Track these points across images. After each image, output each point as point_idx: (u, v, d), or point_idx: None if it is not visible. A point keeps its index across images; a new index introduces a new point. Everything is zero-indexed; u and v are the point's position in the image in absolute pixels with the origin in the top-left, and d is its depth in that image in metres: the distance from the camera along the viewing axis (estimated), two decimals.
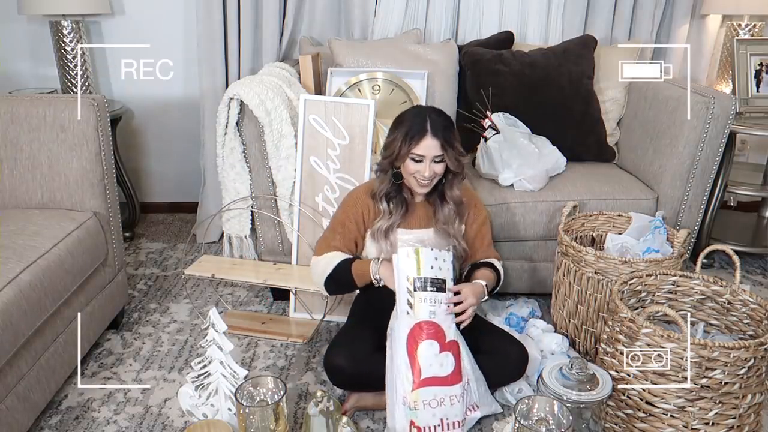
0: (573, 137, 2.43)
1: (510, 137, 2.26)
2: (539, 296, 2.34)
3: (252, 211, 2.27)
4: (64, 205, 1.95)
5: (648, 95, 2.40)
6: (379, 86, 2.41)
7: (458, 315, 1.66)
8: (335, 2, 2.76)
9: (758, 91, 2.68)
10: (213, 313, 1.57)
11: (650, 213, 2.16)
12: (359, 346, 1.70)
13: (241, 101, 2.08)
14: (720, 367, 1.45)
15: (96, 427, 1.73)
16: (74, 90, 2.70)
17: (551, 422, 1.43)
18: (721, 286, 1.76)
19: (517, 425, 1.39)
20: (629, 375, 1.57)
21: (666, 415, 1.52)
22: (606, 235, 2.12)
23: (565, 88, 2.44)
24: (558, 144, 2.35)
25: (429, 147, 1.67)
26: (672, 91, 2.25)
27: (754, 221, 2.98)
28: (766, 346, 1.47)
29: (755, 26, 2.78)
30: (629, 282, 1.76)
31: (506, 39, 2.64)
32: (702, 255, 1.82)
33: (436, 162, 1.69)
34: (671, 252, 1.94)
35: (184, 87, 2.96)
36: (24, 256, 1.61)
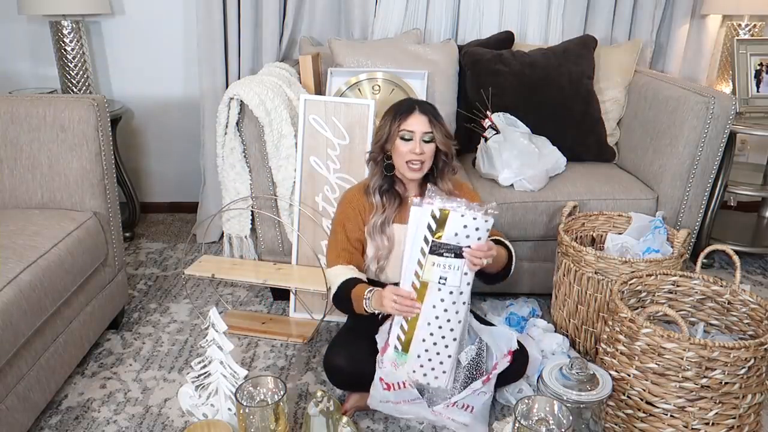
0: (573, 137, 2.43)
1: (510, 137, 2.26)
2: (539, 296, 2.34)
3: (252, 211, 2.27)
4: (64, 205, 1.95)
5: (648, 95, 2.40)
6: (379, 86, 2.41)
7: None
8: (335, 2, 2.76)
9: (758, 91, 2.68)
10: (213, 313, 1.56)
11: (650, 213, 2.16)
12: (359, 347, 1.71)
13: (241, 101, 2.07)
14: (720, 367, 1.45)
15: (96, 427, 1.73)
16: (74, 90, 2.70)
17: (551, 422, 1.43)
18: (721, 286, 1.76)
19: (517, 425, 1.39)
20: (629, 375, 1.57)
21: (666, 415, 1.52)
22: (606, 235, 2.12)
23: (565, 88, 2.44)
24: (558, 144, 2.35)
25: (418, 122, 1.70)
26: (672, 91, 2.25)
27: (754, 221, 2.98)
28: (766, 346, 1.47)
29: (755, 26, 2.78)
30: (629, 282, 1.76)
31: (506, 39, 2.64)
32: (702, 255, 1.82)
33: (426, 142, 1.70)
34: (671, 252, 1.94)
35: (184, 87, 2.96)
36: (24, 256, 1.61)
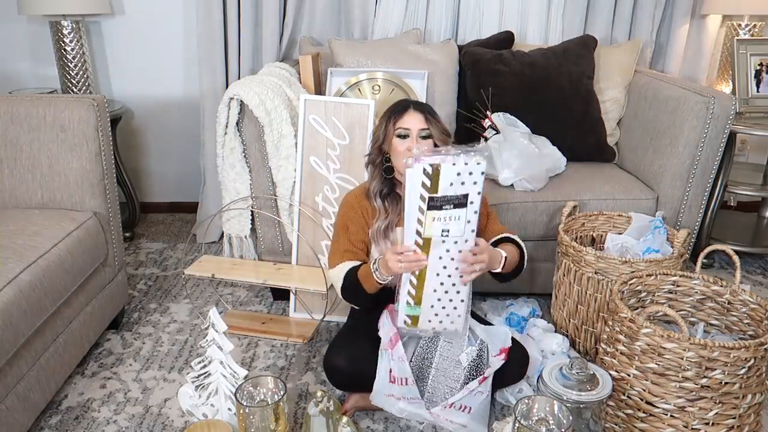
0: (573, 137, 2.43)
1: (510, 137, 2.26)
2: (539, 296, 2.34)
3: (252, 211, 2.27)
4: (64, 205, 1.95)
5: (648, 95, 2.40)
6: (379, 86, 2.41)
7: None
8: (335, 2, 2.76)
9: (758, 91, 2.68)
10: (213, 313, 1.56)
11: (650, 213, 2.16)
12: (359, 347, 1.70)
13: (241, 101, 2.08)
14: (720, 367, 1.45)
15: (96, 427, 1.73)
16: (74, 90, 2.70)
17: (551, 422, 1.43)
18: (721, 286, 1.76)
19: (517, 425, 1.39)
20: (629, 375, 1.57)
21: (666, 415, 1.52)
22: (606, 235, 2.12)
23: (565, 88, 2.44)
24: (558, 144, 2.35)
25: (413, 119, 1.69)
26: (672, 91, 2.25)
27: (754, 221, 2.98)
28: (766, 346, 1.47)
29: (755, 26, 2.78)
30: (629, 282, 1.76)
31: (506, 39, 2.64)
32: (702, 255, 1.82)
33: (423, 138, 1.69)
34: (671, 252, 1.94)
35: (184, 87, 2.96)
36: (24, 256, 1.61)
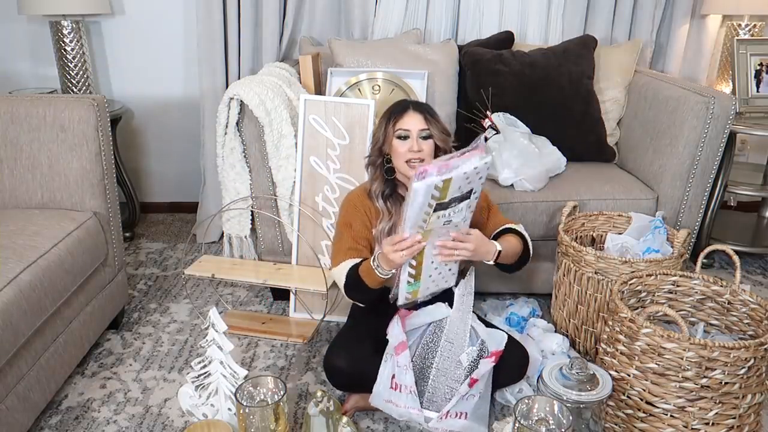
0: (573, 137, 2.43)
1: (510, 137, 2.26)
2: (539, 296, 2.34)
3: (252, 211, 2.27)
4: (64, 205, 1.95)
5: (648, 95, 2.40)
6: (379, 86, 2.41)
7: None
8: (335, 2, 2.76)
9: (758, 91, 2.68)
10: (213, 313, 1.56)
11: (650, 213, 2.16)
12: (358, 348, 1.70)
13: (241, 101, 2.07)
14: (720, 367, 1.45)
15: (96, 427, 1.73)
16: (74, 90, 2.70)
17: (551, 422, 1.43)
18: (721, 286, 1.76)
19: (517, 425, 1.39)
20: (629, 375, 1.57)
21: (666, 415, 1.52)
22: (606, 235, 2.12)
23: (565, 88, 2.44)
24: (558, 144, 2.35)
25: (413, 120, 1.68)
26: (672, 91, 2.25)
27: (754, 221, 2.98)
28: (766, 346, 1.47)
29: (755, 26, 2.78)
30: (629, 282, 1.76)
31: (506, 39, 2.64)
32: (702, 255, 1.82)
33: (423, 138, 1.68)
34: (671, 252, 1.94)
35: (184, 87, 2.96)
36: (24, 256, 1.61)
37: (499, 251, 1.66)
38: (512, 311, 2.15)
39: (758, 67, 2.68)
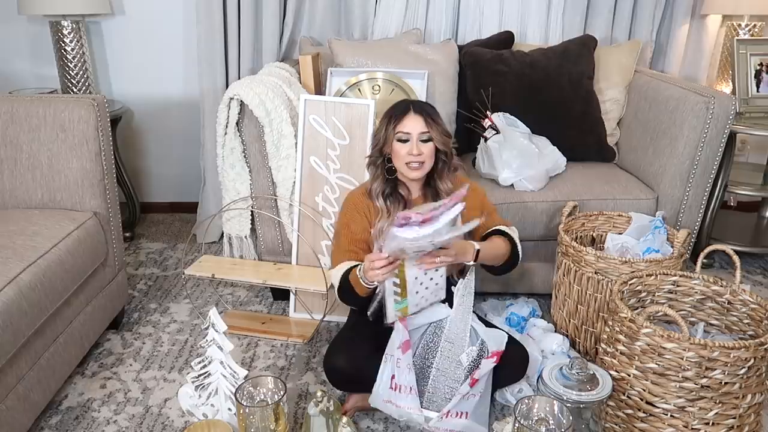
0: (573, 137, 2.43)
1: (510, 137, 2.26)
2: (539, 296, 2.34)
3: (252, 211, 2.27)
4: (64, 205, 1.95)
5: (648, 95, 2.40)
6: (379, 86, 2.41)
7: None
8: (335, 2, 2.76)
9: (758, 91, 2.68)
10: (213, 313, 1.57)
11: (650, 213, 2.16)
12: (358, 348, 1.70)
13: (241, 101, 2.08)
14: (720, 367, 1.45)
15: (96, 427, 1.73)
16: (74, 90, 2.70)
17: (551, 422, 1.43)
18: (721, 286, 1.76)
19: (517, 425, 1.39)
20: (629, 375, 1.57)
21: (666, 415, 1.52)
22: (606, 235, 2.12)
23: (565, 88, 2.44)
24: (558, 144, 2.35)
25: (413, 123, 1.67)
26: (672, 91, 2.25)
27: (754, 221, 2.98)
28: (766, 346, 1.47)
29: (755, 26, 2.78)
30: (629, 282, 1.76)
31: (506, 39, 2.63)
32: (702, 255, 1.82)
33: (424, 141, 1.68)
34: (671, 252, 1.94)
35: (184, 87, 2.96)
36: (24, 256, 1.61)
37: (478, 250, 1.65)
38: (512, 311, 2.15)
39: (758, 67, 2.68)
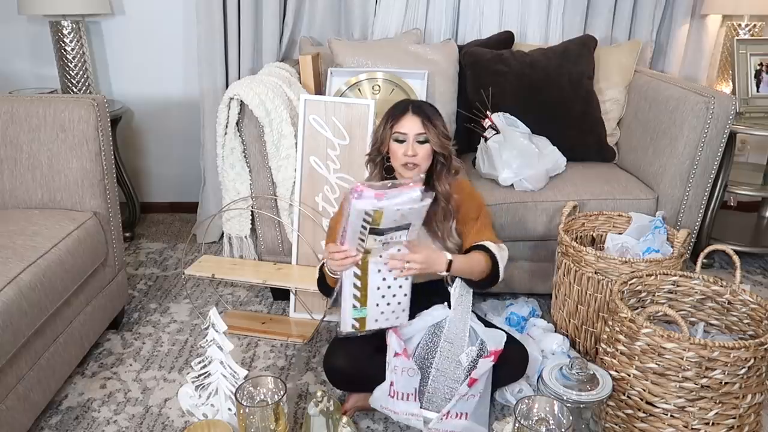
0: (573, 137, 2.43)
1: (510, 137, 2.26)
2: (539, 296, 2.34)
3: (252, 211, 2.27)
4: (64, 205, 1.95)
5: (648, 95, 2.40)
6: (379, 86, 2.41)
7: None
8: (335, 2, 2.76)
9: (758, 91, 2.68)
10: (213, 313, 1.57)
11: (650, 213, 2.16)
12: (358, 348, 1.70)
13: (241, 101, 2.08)
14: (720, 367, 1.45)
15: (96, 427, 1.73)
16: (74, 90, 2.70)
17: (551, 422, 1.43)
18: (721, 286, 1.76)
19: (517, 425, 1.39)
20: (629, 375, 1.57)
21: (666, 415, 1.52)
22: (606, 235, 2.12)
23: (565, 88, 2.44)
24: (558, 144, 2.35)
25: (410, 124, 1.67)
26: (672, 91, 2.25)
27: (754, 221, 2.98)
28: (766, 346, 1.47)
29: (755, 26, 2.78)
30: (629, 282, 1.76)
31: (506, 39, 2.64)
32: (702, 255, 1.82)
33: (420, 143, 1.67)
34: (671, 252, 1.94)
35: (184, 87, 2.96)
36: (24, 256, 1.61)
37: (450, 261, 1.62)
38: (512, 311, 2.15)
39: (758, 67, 2.68)
